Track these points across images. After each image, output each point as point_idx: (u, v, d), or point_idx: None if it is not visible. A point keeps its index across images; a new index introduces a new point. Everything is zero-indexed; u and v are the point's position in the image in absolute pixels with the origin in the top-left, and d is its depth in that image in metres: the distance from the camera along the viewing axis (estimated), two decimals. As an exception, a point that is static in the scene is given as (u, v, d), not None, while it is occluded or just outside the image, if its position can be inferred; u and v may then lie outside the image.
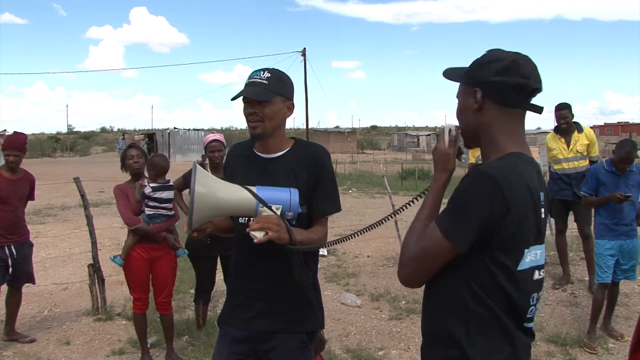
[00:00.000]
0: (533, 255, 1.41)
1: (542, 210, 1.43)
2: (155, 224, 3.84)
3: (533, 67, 1.44)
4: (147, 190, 3.79)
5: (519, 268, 1.38)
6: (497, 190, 1.32)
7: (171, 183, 3.95)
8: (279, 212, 1.83)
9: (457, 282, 1.40)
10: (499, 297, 1.38)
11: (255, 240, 1.77)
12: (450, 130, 1.57)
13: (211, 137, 4.39)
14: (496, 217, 1.32)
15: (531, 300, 1.43)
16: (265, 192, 1.86)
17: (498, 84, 1.42)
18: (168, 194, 3.88)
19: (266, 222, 1.78)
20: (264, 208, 1.82)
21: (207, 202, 1.77)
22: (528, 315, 1.44)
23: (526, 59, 1.44)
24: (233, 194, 1.83)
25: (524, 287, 1.40)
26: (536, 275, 1.44)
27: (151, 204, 3.83)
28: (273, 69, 2.06)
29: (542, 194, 1.43)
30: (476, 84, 1.45)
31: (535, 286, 1.44)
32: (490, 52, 1.49)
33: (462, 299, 1.39)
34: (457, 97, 1.55)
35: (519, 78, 1.41)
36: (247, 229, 1.80)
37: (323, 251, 7.62)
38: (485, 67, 1.44)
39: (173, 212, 3.95)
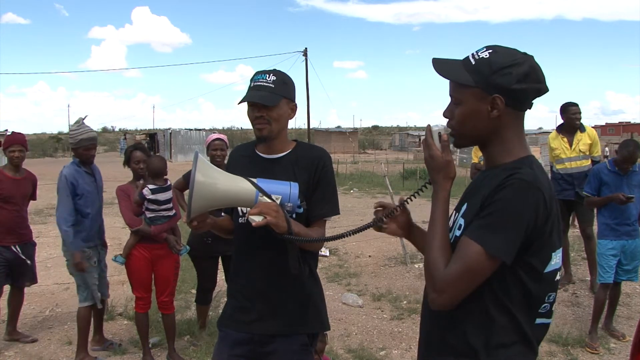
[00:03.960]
0: (557, 258, 1.40)
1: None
2: (157, 225, 3.85)
3: (541, 68, 1.41)
4: (146, 192, 3.80)
5: (546, 270, 1.37)
6: (541, 201, 1.31)
7: (169, 184, 3.95)
8: (278, 202, 1.84)
9: (482, 291, 1.35)
10: (522, 301, 1.36)
11: (253, 224, 1.78)
12: (440, 134, 1.48)
13: (214, 136, 4.43)
14: (538, 226, 1.31)
15: (547, 298, 1.41)
16: (266, 183, 1.88)
17: (521, 92, 1.37)
18: (167, 195, 3.88)
19: (265, 208, 1.79)
20: (264, 197, 1.83)
21: (207, 190, 1.77)
22: (540, 310, 1.40)
23: (534, 60, 1.41)
24: (233, 183, 1.85)
25: (545, 287, 1.39)
26: (557, 277, 1.43)
27: (151, 207, 3.83)
28: (277, 70, 2.07)
29: None
30: (496, 91, 1.37)
31: (554, 286, 1.43)
32: (498, 52, 1.39)
33: (485, 308, 1.36)
34: (456, 97, 1.45)
35: (538, 84, 1.39)
36: (246, 213, 1.82)
37: (325, 251, 7.62)
38: (505, 73, 1.36)
39: (174, 211, 3.95)
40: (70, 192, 3.88)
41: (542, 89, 1.41)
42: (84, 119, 4.02)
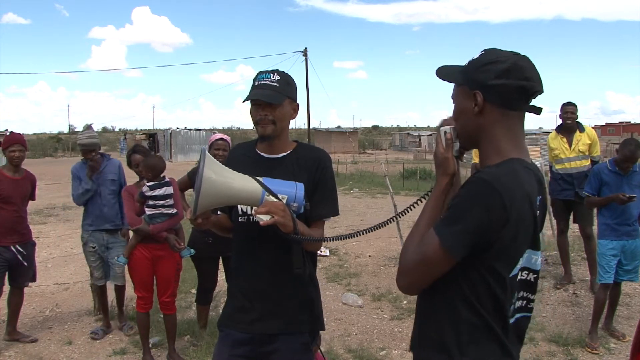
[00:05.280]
0: (525, 260, 1.40)
1: (538, 214, 1.42)
2: (156, 224, 3.85)
3: (534, 68, 1.42)
4: (145, 189, 3.81)
5: (511, 275, 1.37)
6: (496, 200, 1.29)
7: (167, 180, 3.96)
8: (284, 202, 1.84)
9: (451, 289, 1.38)
10: (490, 304, 1.37)
11: (261, 223, 1.78)
12: (445, 133, 1.53)
13: (218, 136, 4.42)
14: (494, 227, 1.30)
15: (513, 298, 1.42)
16: (272, 183, 1.88)
17: (500, 87, 1.39)
18: (165, 191, 3.88)
19: (272, 207, 1.80)
20: (270, 196, 1.83)
21: (214, 186, 1.77)
22: (507, 314, 1.41)
23: (526, 60, 1.42)
24: (240, 181, 1.85)
25: (511, 290, 1.40)
26: (520, 276, 1.42)
27: (151, 203, 3.84)
28: (280, 70, 2.08)
29: (539, 198, 1.42)
30: (476, 86, 1.41)
31: (519, 286, 1.43)
32: (487, 52, 1.44)
33: (455, 306, 1.38)
34: (453, 98, 1.52)
35: (521, 81, 1.38)
36: (253, 212, 1.82)
37: (325, 251, 7.63)
38: (485, 69, 1.40)
39: (175, 210, 3.94)
40: (77, 180, 4.64)
41: (527, 87, 1.39)
42: (90, 126, 4.77)
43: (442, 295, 1.40)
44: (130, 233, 4.15)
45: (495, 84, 1.39)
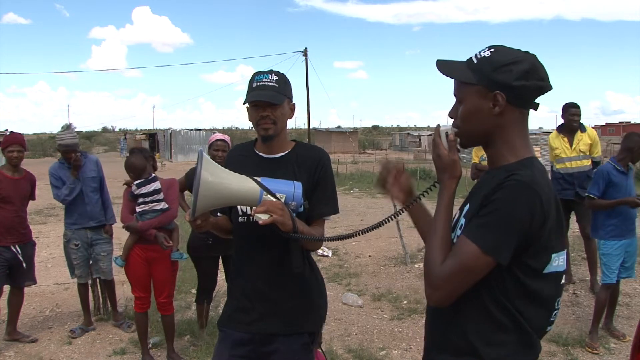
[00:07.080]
0: (560, 260, 1.40)
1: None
2: (145, 220, 3.85)
3: (543, 67, 1.42)
4: (133, 188, 3.83)
5: (545, 271, 1.36)
6: (537, 203, 1.30)
7: (153, 176, 3.96)
8: (282, 200, 1.84)
9: (481, 290, 1.36)
10: (523, 303, 1.36)
11: (260, 222, 1.78)
12: (447, 134, 1.49)
13: (217, 136, 4.42)
14: (534, 228, 1.30)
15: (556, 304, 1.42)
16: (270, 182, 1.88)
17: (521, 88, 1.38)
18: (153, 187, 3.88)
19: (271, 206, 1.79)
20: (268, 196, 1.83)
21: (212, 189, 1.77)
22: (551, 319, 1.43)
23: (537, 59, 1.42)
24: (238, 182, 1.85)
25: (551, 291, 1.39)
26: (562, 280, 1.44)
27: (140, 200, 3.86)
28: (276, 71, 2.09)
29: None
30: (497, 87, 1.39)
31: (560, 290, 1.44)
32: (498, 50, 1.42)
33: (485, 307, 1.37)
34: (459, 95, 1.47)
35: (538, 81, 1.39)
36: (252, 212, 1.82)
37: (327, 251, 7.63)
38: (505, 70, 1.38)
39: (165, 205, 3.92)
40: (59, 180, 4.61)
41: (543, 87, 1.41)
42: (69, 126, 4.80)
43: (471, 298, 1.37)
44: (120, 231, 4.15)
45: (518, 85, 1.38)
